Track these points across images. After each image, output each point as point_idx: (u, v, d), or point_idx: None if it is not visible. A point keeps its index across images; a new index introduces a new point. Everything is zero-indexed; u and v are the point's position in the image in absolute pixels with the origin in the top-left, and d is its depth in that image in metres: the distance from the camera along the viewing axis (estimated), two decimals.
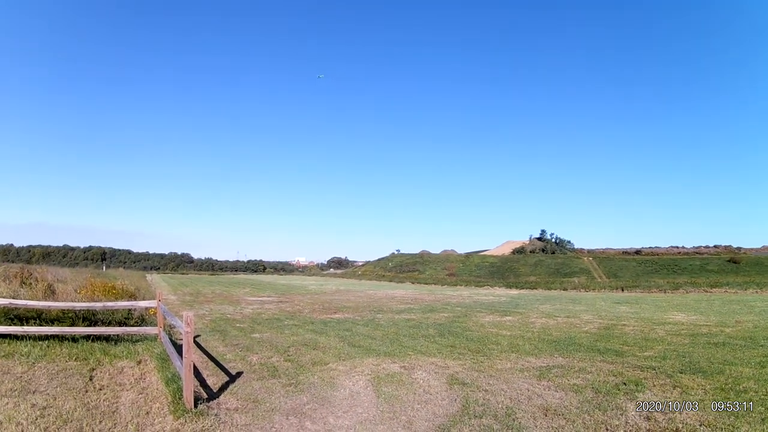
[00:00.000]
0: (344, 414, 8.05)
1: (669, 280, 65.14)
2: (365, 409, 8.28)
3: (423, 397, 8.89)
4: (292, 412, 8.10)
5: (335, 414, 8.05)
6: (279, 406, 8.34)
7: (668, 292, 46.56)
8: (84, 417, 7.37)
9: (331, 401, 8.69)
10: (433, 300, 34.02)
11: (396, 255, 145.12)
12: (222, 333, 15.70)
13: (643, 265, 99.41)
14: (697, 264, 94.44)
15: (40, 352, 10.88)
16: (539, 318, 21.66)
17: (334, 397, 8.95)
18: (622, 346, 13.84)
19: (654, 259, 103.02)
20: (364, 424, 7.58)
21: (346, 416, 7.95)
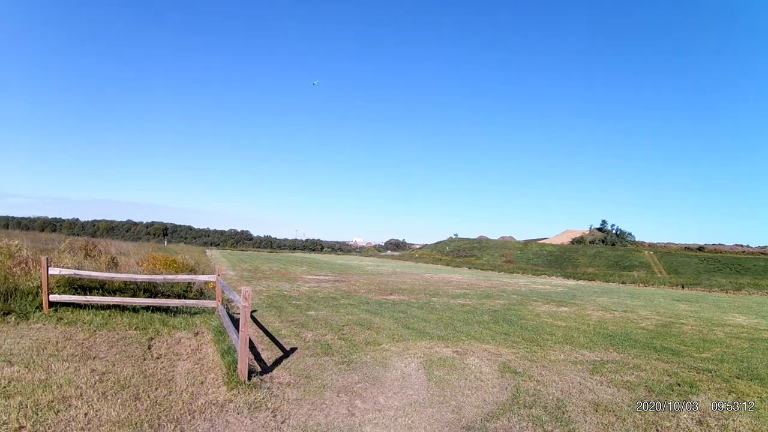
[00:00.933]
0: (394, 395, 7.98)
1: (731, 280, 62.55)
2: (415, 392, 8.19)
3: (474, 384, 8.75)
4: (343, 389, 8.07)
5: (385, 394, 7.98)
6: (330, 383, 8.32)
7: (730, 293, 44.58)
8: (141, 383, 7.49)
9: (382, 381, 8.64)
10: (489, 286, 33.61)
11: (454, 239, 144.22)
12: (278, 309, 15.83)
13: (706, 262, 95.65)
14: (761, 265, 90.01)
15: (101, 321, 11.19)
16: (596, 311, 21.09)
17: (385, 377, 8.89)
18: (679, 345, 13.32)
19: (717, 257, 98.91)
20: (413, 406, 7.48)
21: (396, 397, 7.87)
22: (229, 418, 6.48)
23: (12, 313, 10.93)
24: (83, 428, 5.72)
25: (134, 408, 6.47)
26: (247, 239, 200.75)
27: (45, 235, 50.08)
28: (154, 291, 13.65)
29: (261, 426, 6.34)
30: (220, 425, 6.25)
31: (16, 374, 7.30)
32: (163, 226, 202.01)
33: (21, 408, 6.05)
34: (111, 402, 6.59)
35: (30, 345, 8.92)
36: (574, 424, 7.06)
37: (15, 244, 15.99)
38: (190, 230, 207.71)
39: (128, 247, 33.54)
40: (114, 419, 6.04)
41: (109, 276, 12.60)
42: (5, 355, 8.19)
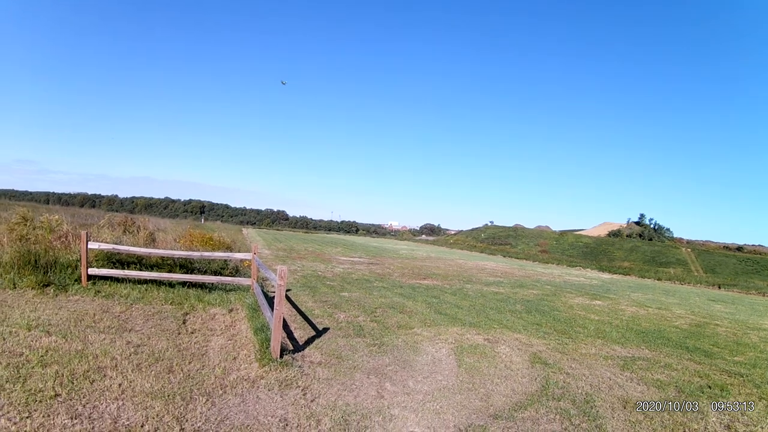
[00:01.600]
0: (424, 379, 7.96)
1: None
2: (445, 377, 8.16)
3: (504, 372, 8.70)
4: (374, 371, 8.07)
5: (415, 378, 7.96)
6: (361, 365, 8.33)
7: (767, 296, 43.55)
8: (174, 357, 7.57)
9: (413, 365, 8.62)
10: (523, 275, 33.25)
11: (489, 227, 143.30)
12: (312, 289, 15.88)
13: (744, 263, 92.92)
14: None
15: (138, 295, 11.36)
16: (629, 306, 20.71)
17: (415, 361, 8.87)
18: (712, 347, 12.99)
19: (756, 258, 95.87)
20: (442, 392, 7.46)
21: (426, 382, 7.85)
22: (260, 394, 6.51)
23: (51, 285, 11.14)
24: (117, 398, 5.80)
25: (167, 380, 6.54)
26: (283, 219, 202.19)
27: (85, 210, 51.01)
28: (191, 267, 13.79)
29: (291, 403, 6.35)
30: (250, 401, 6.28)
31: (53, 344, 7.44)
32: (200, 204, 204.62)
33: (57, 377, 6.16)
34: (145, 374, 6.67)
35: (68, 316, 9.08)
36: (602, 419, 6.96)
37: (56, 218, 16.28)
38: (227, 209, 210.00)
39: (166, 223, 34.03)
40: (147, 390, 6.11)
41: (147, 251, 12.76)
42: (43, 325, 8.34)
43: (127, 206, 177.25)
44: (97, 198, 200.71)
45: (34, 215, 16.50)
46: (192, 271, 13.64)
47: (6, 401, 5.40)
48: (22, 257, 11.80)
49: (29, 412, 5.23)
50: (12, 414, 5.15)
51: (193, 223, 52.47)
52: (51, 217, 16.44)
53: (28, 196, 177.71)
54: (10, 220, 15.64)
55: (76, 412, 5.34)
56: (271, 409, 6.11)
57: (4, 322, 8.25)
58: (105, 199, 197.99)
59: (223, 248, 18.76)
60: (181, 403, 5.90)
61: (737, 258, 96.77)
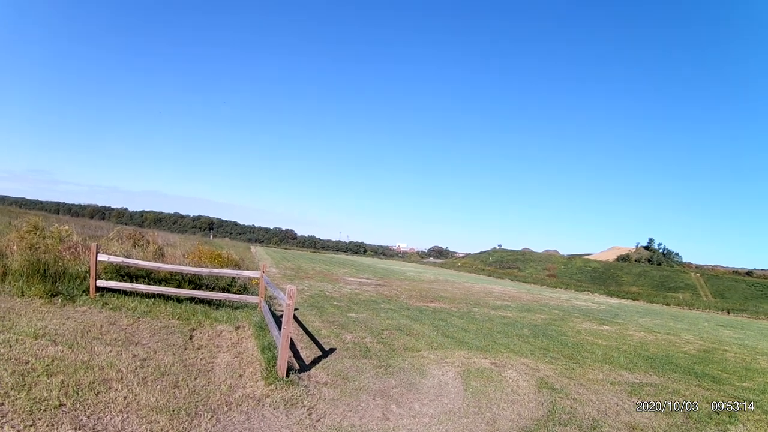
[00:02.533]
0: (430, 402, 7.92)
1: None
2: (451, 401, 8.11)
3: (510, 397, 8.65)
4: (380, 393, 8.02)
5: (421, 401, 7.92)
6: (367, 386, 8.28)
7: None
8: (180, 372, 7.54)
9: (419, 388, 8.57)
10: (531, 300, 33.15)
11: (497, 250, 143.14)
12: (319, 309, 15.82)
13: (753, 288, 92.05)
14: None
15: (145, 309, 11.34)
16: (637, 331, 20.62)
17: (422, 384, 8.81)
18: (721, 372, 12.92)
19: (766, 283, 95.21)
20: (448, 415, 7.41)
21: (432, 405, 7.81)
22: (265, 413, 6.47)
23: (59, 295, 11.15)
24: (122, 411, 5.77)
25: (173, 395, 6.51)
26: (291, 238, 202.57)
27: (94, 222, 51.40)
28: (199, 283, 13.79)
29: (296, 423, 6.31)
30: (255, 419, 6.24)
31: (59, 354, 7.42)
32: (209, 221, 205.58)
33: (62, 386, 6.13)
34: (150, 388, 6.63)
35: (75, 327, 9.06)
36: None
37: (66, 229, 16.40)
38: (236, 226, 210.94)
39: (175, 238, 34.14)
40: (152, 404, 6.07)
41: (156, 266, 12.78)
42: (50, 334, 8.32)
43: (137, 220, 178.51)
44: (106, 210, 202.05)
45: (45, 225, 16.58)
46: (200, 287, 13.63)
47: (10, 408, 5.37)
48: (32, 266, 11.83)
49: (33, 420, 5.20)
50: (16, 422, 5.12)
51: (202, 239, 52.76)
52: (61, 227, 16.57)
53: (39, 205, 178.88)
54: (20, 229, 15.73)
55: (80, 423, 5.31)
56: (276, 428, 6.07)
57: (11, 330, 8.24)
58: (115, 212, 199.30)
59: (231, 265, 18.74)
60: (186, 418, 5.86)
61: (747, 283, 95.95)
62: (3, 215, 28.63)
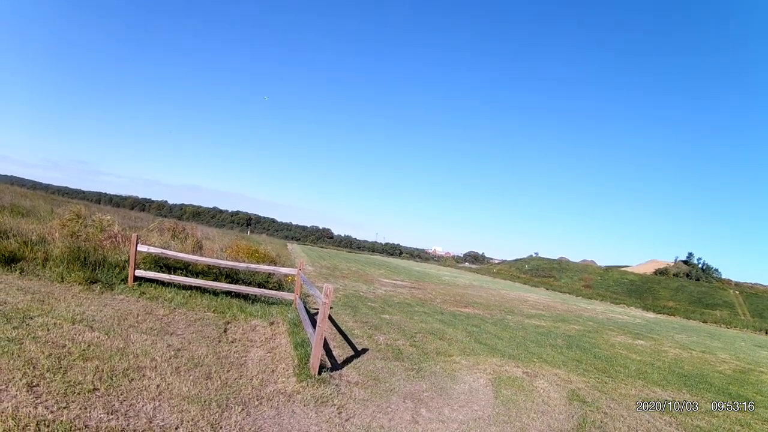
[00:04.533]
0: (460, 408, 7.82)
1: None
2: (481, 408, 8.00)
3: (540, 407, 8.50)
4: (410, 396, 7.95)
5: (451, 406, 7.82)
6: (398, 388, 8.21)
7: None
8: (213, 364, 7.56)
9: (449, 393, 8.47)
10: (566, 310, 32.64)
11: (533, 258, 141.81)
12: (353, 309, 15.81)
13: None
14: None
15: (181, 300, 11.46)
16: (672, 348, 20.12)
17: (452, 389, 8.72)
18: (756, 395, 12.50)
19: None
20: (477, 422, 7.31)
21: (461, 411, 7.71)
22: (295, 409, 6.44)
23: (98, 283, 11.35)
24: (154, 398, 5.79)
25: (205, 386, 6.52)
26: (327, 237, 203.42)
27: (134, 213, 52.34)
28: (235, 278, 13.88)
29: (325, 421, 6.26)
30: (285, 414, 6.21)
31: (95, 339, 7.51)
32: (247, 216, 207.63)
33: (97, 371, 6.20)
34: (183, 378, 6.66)
35: (112, 314, 9.19)
36: None
37: (107, 219, 16.65)
38: (273, 222, 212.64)
39: (213, 232, 34.56)
40: (184, 394, 6.09)
41: (194, 258, 12.90)
42: (87, 320, 8.45)
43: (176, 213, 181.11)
44: (147, 202, 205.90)
45: (87, 214, 16.88)
46: (236, 282, 13.72)
47: (45, 390, 5.43)
48: (72, 253, 12.06)
49: (67, 402, 5.25)
50: (50, 403, 5.17)
51: (240, 234, 53.25)
52: (103, 217, 16.83)
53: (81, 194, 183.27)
54: (63, 216, 16.02)
55: (112, 408, 5.34)
56: (305, 425, 6.03)
57: (49, 314, 8.38)
58: (155, 204, 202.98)
59: (268, 261, 18.84)
60: (217, 410, 5.86)
61: None
62: (46, 203, 29.19)
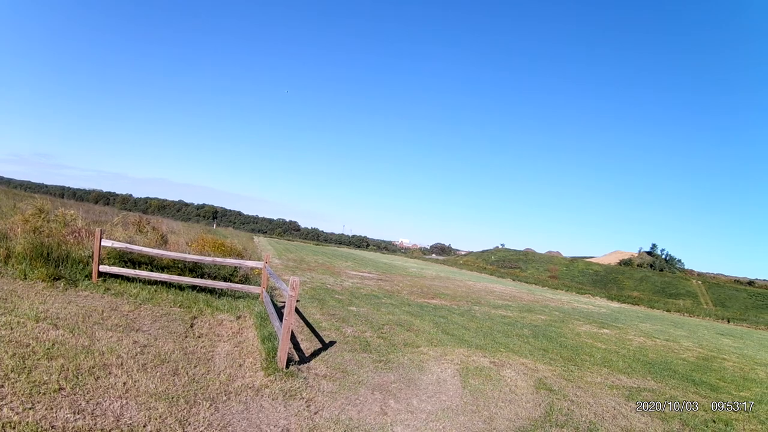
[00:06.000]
0: (428, 399, 7.95)
1: None
2: (449, 398, 8.15)
3: (508, 396, 8.69)
4: (378, 388, 8.05)
5: (419, 397, 7.95)
6: (366, 380, 8.30)
7: None
8: (180, 360, 7.55)
9: (418, 384, 8.60)
10: (532, 300, 33.06)
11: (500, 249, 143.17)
12: (320, 302, 15.81)
13: (755, 297, 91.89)
14: None
15: (147, 295, 11.36)
16: (637, 336, 20.64)
17: (420, 380, 8.84)
18: (719, 381, 12.95)
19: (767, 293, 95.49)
20: (445, 412, 7.45)
21: (430, 401, 7.84)
22: (264, 403, 6.48)
23: (62, 279, 11.17)
24: (121, 396, 5.78)
25: (172, 383, 6.52)
26: (294, 230, 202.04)
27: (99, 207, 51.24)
28: (201, 272, 13.82)
29: (294, 414, 6.32)
30: (254, 409, 6.25)
31: (60, 337, 7.43)
32: (213, 209, 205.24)
33: (62, 370, 6.14)
34: (150, 374, 6.65)
35: (76, 311, 9.07)
36: None
37: (71, 213, 16.37)
38: (239, 216, 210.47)
39: (178, 226, 34.12)
40: (151, 391, 6.08)
41: (159, 253, 12.80)
42: (52, 318, 8.34)
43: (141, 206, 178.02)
44: (111, 196, 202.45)
45: (50, 208, 16.58)
46: (202, 276, 13.66)
47: (10, 391, 5.38)
48: (35, 249, 11.85)
49: (32, 403, 5.21)
50: (15, 404, 5.13)
51: (205, 227, 52.78)
52: (66, 211, 16.54)
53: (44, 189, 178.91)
54: (25, 212, 15.71)
55: (79, 407, 5.32)
56: (274, 419, 6.08)
57: (12, 312, 8.25)
58: (119, 198, 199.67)
59: (234, 255, 18.74)
60: (185, 406, 5.87)
61: (748, 292, 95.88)
62: (8, 198, 28.52)
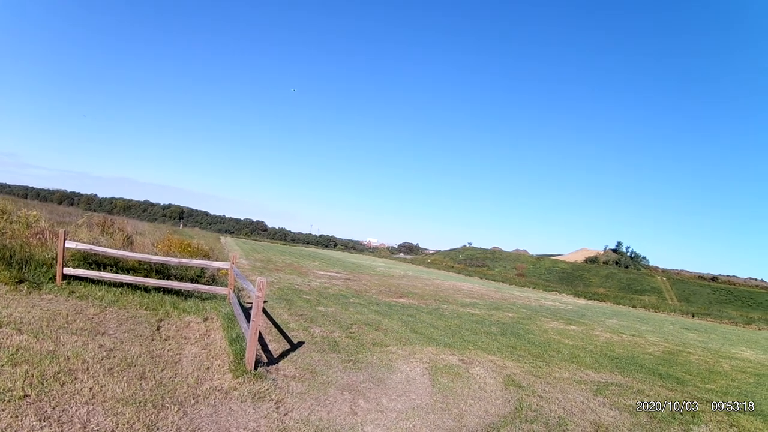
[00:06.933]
0: (398, 398, 8.00)
1: (742, 313, 61.10)
2: (419, 396, 8.21)
3: (477, 394, 8.78)
4: (348, 388, 8.08)
5: (389, 396, 8.00)
6: (335, 380, 8.33)
7: (740, 326, 43.70)
8: (147, 363, 7.49)
9: (387, 383, 8.64)
10: (500, 298, 33.41)
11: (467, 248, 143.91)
12: (288, 302, 15.79)
13: (718, 293, 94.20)
14: None
15: (112, 298, 11.22)
16: (604, 332, 21.03)
17: (390, 379, 8.89)
18: (684, 374, 13.29)
19: (730, 289, 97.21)
20: (415, 411, 7.50)
21: (400, 400, 7.90)
22: (233, 406, 6.47)
23: (25, 282, 10.96)
24: (87, 402, 5.72)
25: (139, 387, 6.47)
26: (261, 230, 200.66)
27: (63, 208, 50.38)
28: (167, 273, 13.69)
29: (263, 416, 6.32)
30: (223, 412, 6.24)
31: (24, 343, 7.31)
32: (179, 209, 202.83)
33: (27, 377, 6.06)
34: (117, 379, 6.59)
35: (40, 315, 8.93)
36: None
37: (33, 214, 16.11)
38: (206, 216, 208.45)
39: (144, 227, 33.68)
40: (118, 396, 6.03)
41: (125, 254, 12.66)
42: (15, 323, 8.20)
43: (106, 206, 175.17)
44: (75, 196, 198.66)
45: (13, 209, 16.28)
46: (168, 277, 13.53)
47: None
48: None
49: None
50: None
51: (172, 228, 52.16)
52: (29, 212, 16.28)
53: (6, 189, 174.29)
54: None
55: (45, 415, 5.26)
56: (244, 422, 6.07)
57: None
58: (84, 198, 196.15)
59: (201, 256, 18.59)
60: (153, 410, 5.83)
61: (711, 288, 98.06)
62: None
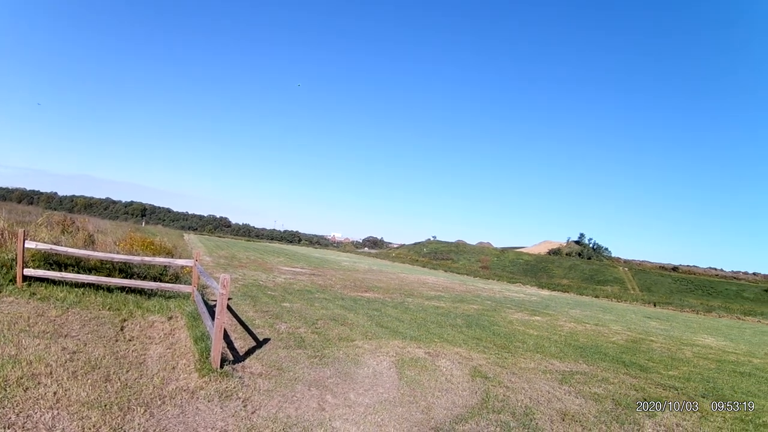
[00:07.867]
0: (365, 392, 8.06)
1: (703, 302, 62.97)
2: (386, 390, 8.28)
3: (444, 386, 8.89)
4: (315, 383, 8.11)
5: (356, 391, 8.05)
6: (302, 377, 8.35)
7: (700, 314, 44.78)
8: (112, 365, 7.44)
9: (354, 378, 8.70)
10: (464, 291, 33.70)
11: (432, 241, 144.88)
12: (253, 299, 15.75)
13: (679, 282, 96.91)
14: (733, 289, 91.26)
15: (75, 299, 11.07)
16: (568, 322, 21.40)
17: (357, 374, 8.95)
18: (648, 361, 13.63)
19: (690, 278, 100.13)
20: (383, 404, 7.57)
21: (367, 394, 7.96)
22: (200, 406, 6.47)
23: None
24: (52, 407, 5.68)
25: (104, 389, 6.44)
26: (225, 226, 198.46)
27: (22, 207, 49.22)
28: (130, 272, 13.54)
29: (231, 415, 6.34)
30: (190, 412, 6.24)
31: None
32: (141, 207, 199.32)
33: None
34: (81, 382, 6.54)
35: (0, 318, 8.80)
36: (541, 431, 7.17)
37: None
38: (169, 213, 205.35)
39: (106, 225, 33.17)
40: (83, 400, 6.00)
41: (86, 253, 12.48)
42: None
43: (67, 205, 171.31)
44: (35, 194, 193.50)
45: None
46: (131, 276, 13.38)
47: None
48: None
49: None
50: None
51: (134, 225, 51.38)
52: None
53: None
54: None
55: (9, 422, 5.21)
56: (211, 421, 6.09)
57: None
58: (43, 196, 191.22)
59: (164, 253, 18.40)
60: (119, 413, 5.82)
61: (672, 278, 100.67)
62: None
